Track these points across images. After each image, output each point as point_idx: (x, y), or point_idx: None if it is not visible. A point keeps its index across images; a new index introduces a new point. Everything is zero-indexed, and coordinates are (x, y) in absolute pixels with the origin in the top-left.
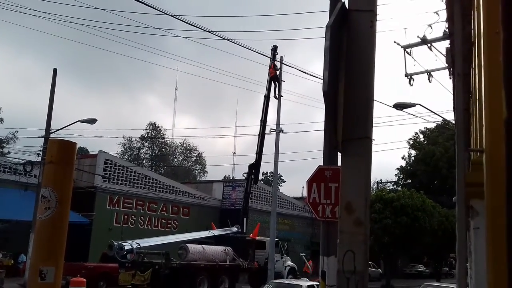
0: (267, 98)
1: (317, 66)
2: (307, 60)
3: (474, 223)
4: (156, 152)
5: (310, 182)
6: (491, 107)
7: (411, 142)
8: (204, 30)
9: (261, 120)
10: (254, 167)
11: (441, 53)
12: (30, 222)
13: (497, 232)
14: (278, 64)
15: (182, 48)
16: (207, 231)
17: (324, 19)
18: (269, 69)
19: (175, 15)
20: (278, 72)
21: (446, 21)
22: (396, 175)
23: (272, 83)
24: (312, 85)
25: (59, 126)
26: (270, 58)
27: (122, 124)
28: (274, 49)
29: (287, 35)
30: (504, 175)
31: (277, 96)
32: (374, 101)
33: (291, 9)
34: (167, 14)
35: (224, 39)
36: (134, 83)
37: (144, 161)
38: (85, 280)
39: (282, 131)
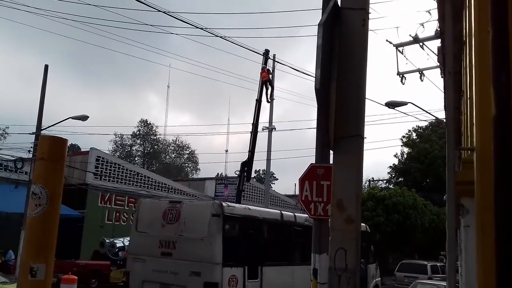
0: (258, 102)
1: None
2: (307, 59)
3: (464, 221)
4: (148, 149)
5: (302, 180)
6: (482, 106)
7: (403, 140)
8: (197, 28)
9: (252, 124)
10: (247, 165)
11: (433, 52)
12: (21, 219)
13: (487, 230)
14: (270, 67)
15: (183, 46)
16: None
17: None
18: (261, 73)
19: (168, 12)
20: (270, 76)
21: (437, 20)
22: (388, 173)
23: (264, 87)
24: (309, 84)
25: (56, 122)
26: (262, 62)
27: (120, 121)
28: (266, 53)
29: (287, 33)
30: (493, 173)
31: (269, 100)
32: (366, 99)
33: (295, 7)
34: (160, 11)
35: (218, 36)
36: (133, 81)
37: (136, 159)
38: (76, 277)
39: (275, 129)
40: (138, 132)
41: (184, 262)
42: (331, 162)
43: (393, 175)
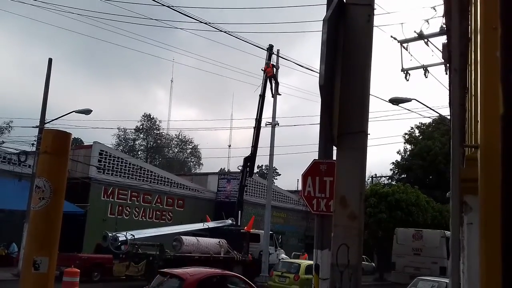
0: (262, 97)
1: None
2: (315, 55)
3: (467, 218)
4: (151, 143)
5: (305, 176)
6: (487, 103)
7: (406, 136)
8: (203, 22)
9: (256, 119)
10: (250, 160)
11: (438, 48)
12: (24, 212)
13: (490, 228)
14: (275, 62)
15: (191, 41)
16: (202, 223)
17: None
18: (266, 69)
19: (173, 7)
20: (275, 71)
21: (443, 16)
22: (391, 169)
23: (269, 82)
24: (315, 79)
25: (60, 116)
26: (266, 58)
27: (126, 115)
28: (270, 48)
29: (295, 28)
30: (499, 171)
31: (273, 95)
32: (370, 95)
33: (301, 2)
34: (166, 6)
35: (222, 31)
36: (141, 75)
37: (139, 153)
38: (78, 270)
39: (278, 124)
40: (141, 127)
41: (427, 258)
42: (334, 158)
43: (396, 172)
